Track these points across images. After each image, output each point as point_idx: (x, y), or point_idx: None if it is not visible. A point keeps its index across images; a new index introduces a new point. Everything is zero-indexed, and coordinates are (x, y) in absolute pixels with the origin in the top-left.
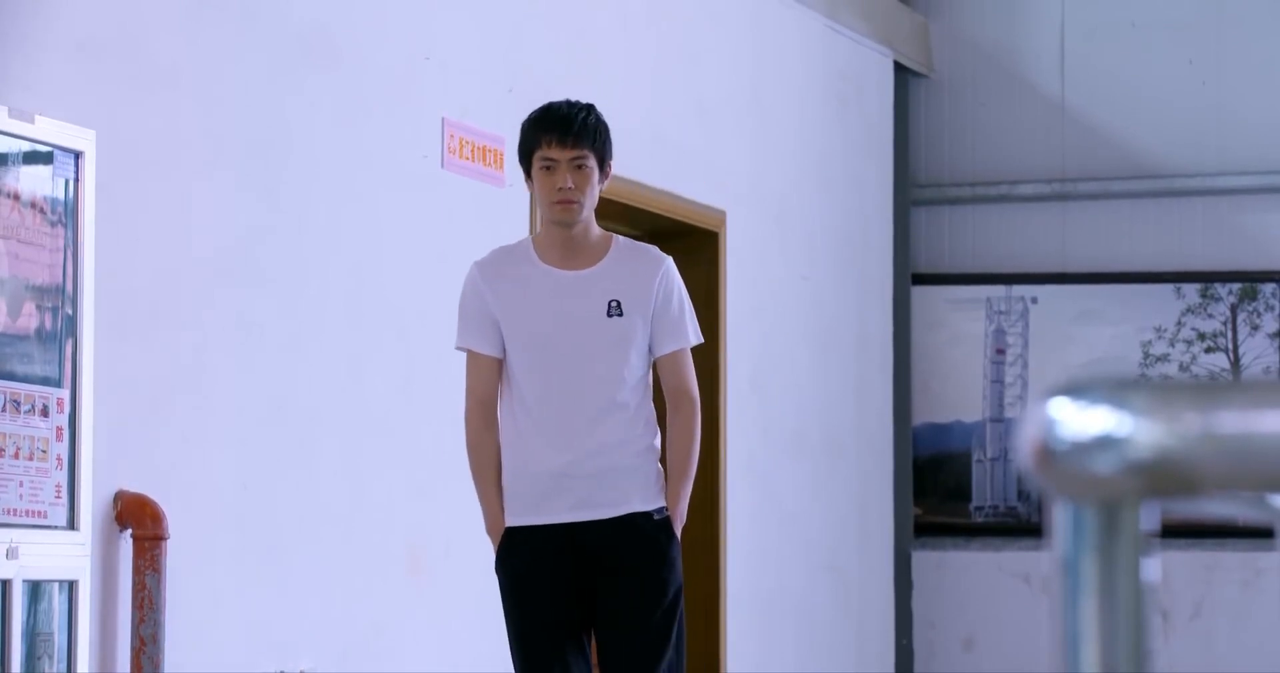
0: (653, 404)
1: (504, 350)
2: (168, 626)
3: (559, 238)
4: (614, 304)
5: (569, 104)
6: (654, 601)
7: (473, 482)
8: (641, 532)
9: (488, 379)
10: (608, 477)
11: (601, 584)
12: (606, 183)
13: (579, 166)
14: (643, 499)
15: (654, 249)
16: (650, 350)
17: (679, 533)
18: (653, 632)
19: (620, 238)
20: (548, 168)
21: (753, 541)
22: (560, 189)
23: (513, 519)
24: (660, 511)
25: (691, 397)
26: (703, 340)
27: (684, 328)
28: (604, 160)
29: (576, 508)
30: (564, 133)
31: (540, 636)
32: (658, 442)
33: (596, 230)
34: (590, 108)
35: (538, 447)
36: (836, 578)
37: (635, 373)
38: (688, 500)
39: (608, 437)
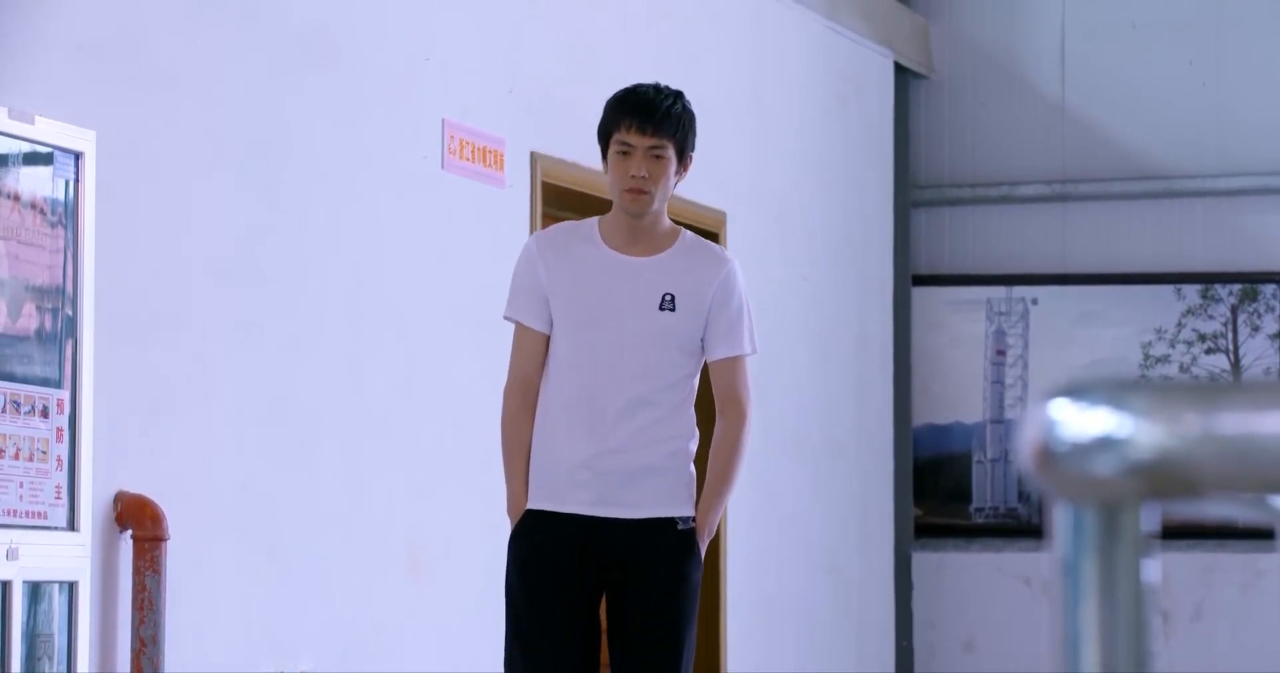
0: (693, 409)
1: (551, 327)
2: (168, 627)
3: (625, 224)
4: (668, 298)
5: (655, 88)
6: (665, 624)
7: (502, 459)
8: (662, 543)
9: (531, 356)
10: (632, 475)
11: (612, 593)
12: (685, 176)
13: (656, 156)
14: (669, 504)
15: (722, 250)
16: (703, 353)
17: (705, 546)
18: (660, 652)
19: (688, 233)
20: (624, 153)
21: (753, 541)
22: (633, 177)
23: (533, 502)
24: (686, 520)
25: (741, 406)
26: (758, 351)
27: (740, 335)
28: (684, 152)
29: (596, 504)
30: (645, 119)
31: (536, 620)
32: (694, 446)
33: (666, 223)
34: (677, 95)
35: (564, 433)
36: (836, 579)
37: (678, 372)
38: (720, 513)
39: (636, 434)
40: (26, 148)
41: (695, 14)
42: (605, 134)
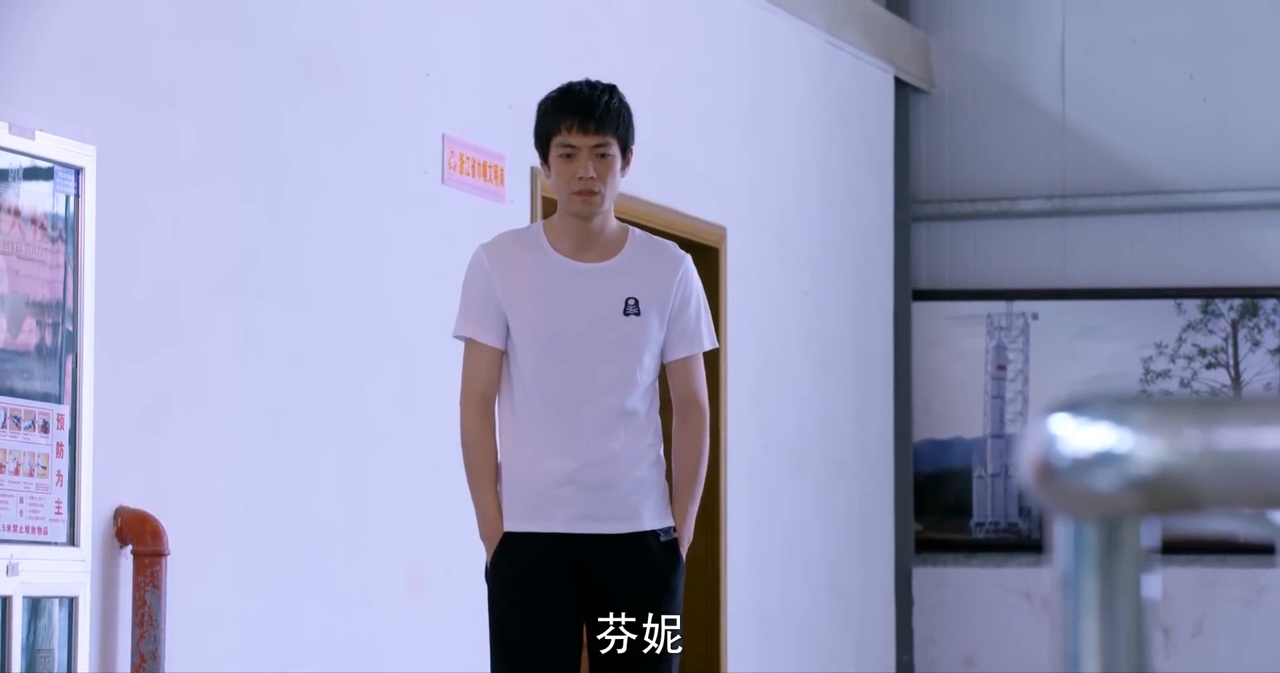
0: (659, 414)
1: (507, 342)
2: (167, 642)
3: (574, 227)
4: (631, 302)
5: (590, 85)
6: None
7: (467, 482)
8: (648, 556)
9: (489, 372)
10: (616, 489)
11: (598, 607)
12: (628, 170)
13: (601, 154)
14: (653, 516)
15: (673, 246)
16: (662, 354)
17: (685, 553)
18: (649, 664)
19: (636, 231)
20: (567, 155)
21: (753, 556)
22: (581, 178)
23: (512, 525)
24: (668, 531)
25: (701, 405)
26: (717, 345)
27: (699, 332)
28: (627, 147)
29: (580, 519)
30: (585, 117)
31: (528, 646)
32: (662, 453)
33: (614, 222)
34: (612, 89)
35: (541, 450)
36: (837, 594)
37: (647, 377)
38: (694, 518)
39: (617, 444)
40: (27, 163)
41: (696, 29)
42: (544, 137)
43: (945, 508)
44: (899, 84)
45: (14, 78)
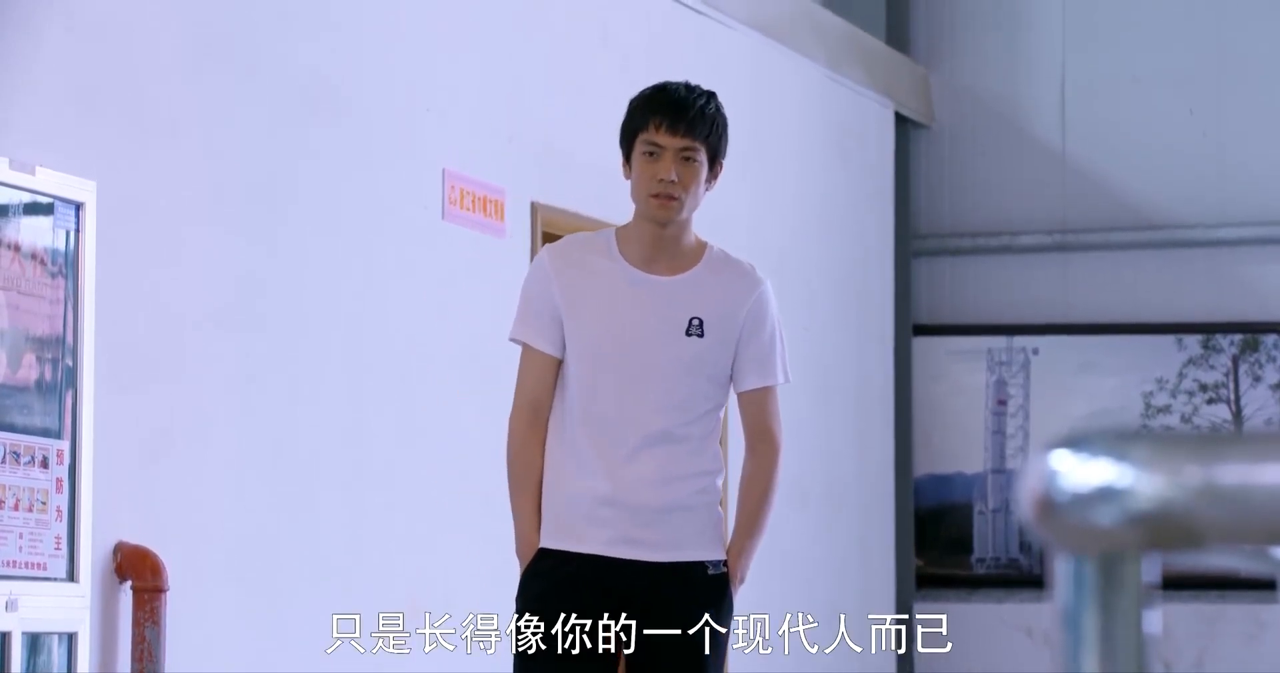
0: (719, 443)
1: (564, 350)
2: None
3: (648, 235)
4: (695, 322)
5: (687, 87)
6: None
7: (509, 493)
8: (691, 590)
9: (541, 379)
10: (655, 514)
11: (635, 643)
12: (715, 185)
13: (687, 159)
14: (699, 546)
15: (753, 268)
16: (732, 382)
17: (737, 593)
18: None
19: (716, 247)
20: (651, 154)
21: (754, 591)
22: (661, 181)
23: (548, 541)
24: (717, 564)
25: (774, 440)
26: (790, 381)
27: (773, 363)
28: (716, 157)
29: (617, 544)
30: (676, 118)
31: (556, 666)
32: (720, 483)
33: (692, 236)
34: (710, 96)
35: (580, 467)
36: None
37: (706, 403)
38: (753, 557)
39: (661, 468)
40: (27, 198)
41: (695, 63)
42: (630, 134)
43: (946, 543)
44: (899, 119)
45: (14, 113)
